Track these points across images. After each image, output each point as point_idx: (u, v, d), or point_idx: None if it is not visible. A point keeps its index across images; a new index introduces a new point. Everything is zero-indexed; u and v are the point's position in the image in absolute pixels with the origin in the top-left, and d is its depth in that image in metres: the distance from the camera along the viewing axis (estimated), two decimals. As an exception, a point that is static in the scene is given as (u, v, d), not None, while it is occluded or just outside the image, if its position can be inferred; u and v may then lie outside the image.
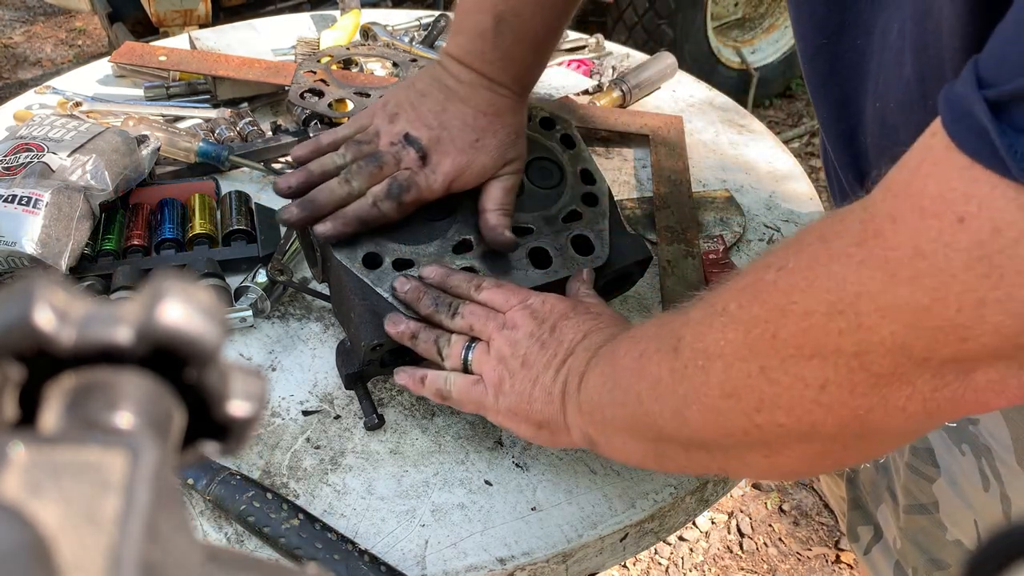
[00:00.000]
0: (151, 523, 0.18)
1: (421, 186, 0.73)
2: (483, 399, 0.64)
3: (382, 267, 0.72)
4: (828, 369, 0.43)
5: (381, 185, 0.73)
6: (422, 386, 0.68)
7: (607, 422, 0.58)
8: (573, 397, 0.60)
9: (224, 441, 0.22)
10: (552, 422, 0.61)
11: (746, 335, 0.47)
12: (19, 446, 0.18)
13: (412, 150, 0.73)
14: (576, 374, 0.60)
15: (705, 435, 0.51)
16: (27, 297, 0.20)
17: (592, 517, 0.66)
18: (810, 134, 2.97)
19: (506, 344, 0.64)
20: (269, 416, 0.73)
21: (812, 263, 0.44)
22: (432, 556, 0.63)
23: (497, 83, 0.75)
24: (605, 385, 0.57)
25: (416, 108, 0.75)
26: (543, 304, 0.66)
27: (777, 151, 1.09)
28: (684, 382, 0.51)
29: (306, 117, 1.04)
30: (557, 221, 0.77)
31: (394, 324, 0.69)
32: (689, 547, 1.76)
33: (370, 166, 0.73)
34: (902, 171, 0.41)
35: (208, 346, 0.21)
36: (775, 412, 0.46)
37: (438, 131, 0.74)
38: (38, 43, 3.53)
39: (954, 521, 0.69)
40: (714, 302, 0.50)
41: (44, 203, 0.79)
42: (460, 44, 0.75)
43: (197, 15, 2.29)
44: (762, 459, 0.50)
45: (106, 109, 1.08)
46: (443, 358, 0.67)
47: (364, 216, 0.72)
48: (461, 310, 0.68)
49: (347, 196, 0.73)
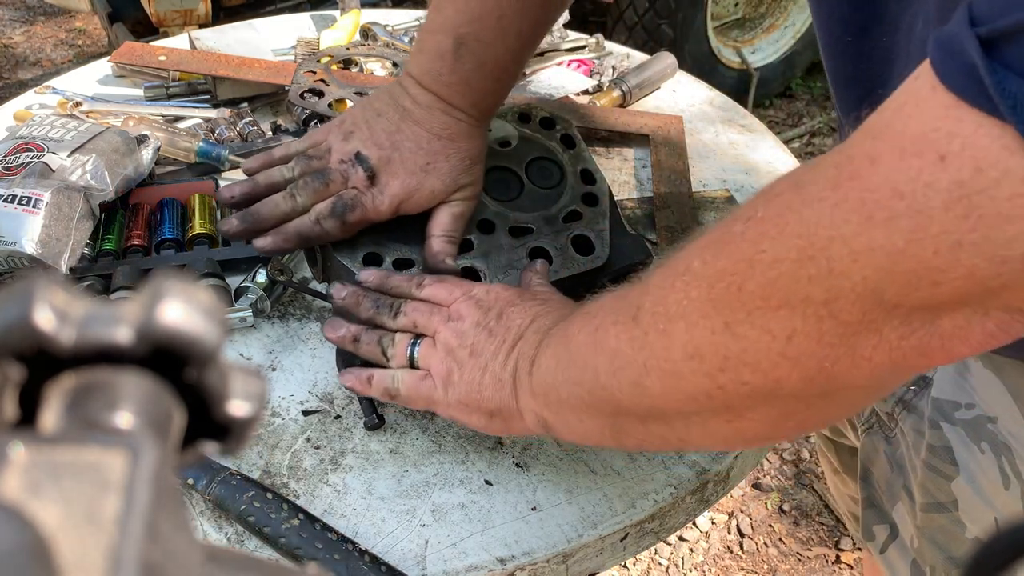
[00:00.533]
0: (151, 523, 0.18)
1: (367, 206, 0.72)
2: (432, 393, 0.63)
3: (382, 267, 0.72)
4: (796, 319, 0.42)
5: (326, 203, 0.71)
6: (369, 386, 0.66)
7: (562, 402, 0.57)
8: (524, 381, 0.59)
9: (224, 441, 0.22)
10: (504, 409, 0.60)
11: (710, 290, 0.46)
12: (19, 446, 0.18)
13: (361, 169, 0.72)
14: (526, 358, 0.59)
15: (665, 404, 0.50)
16: (27, 297, 0.20)
17: (592, 517, 0.66)
18: (810, 134, 2.97)
19: (452, 335, 0.63)
20: (269, 416, 0.73)
21: (783, 210, 0.43)
22: (432, 556, 0.63)
23: (454, 107, 0.73)
24: (559, 365, 0.56)
25: (371, 127, 0.73)
26: (487, 293, 0.65)
27: (777, 151, 1.09)
28: (644, 350, 0.49)
29: (306, 117, 1.04)
30: (557, 221, 0.77)
31: (333, 329, 0.68)
32: (689, 547, 1.76)
33: (316, 182, 0.72)
34: (883, 113, 0.40)
35: (208, 346, 0.21)
36: (740, 370, 0.45)
37: (389, 152, 0.72)
38: (38, 43, 3.54)
39: (973, 519, 0.69)
40: (675, 264, 0.49)
41: (44, 203, 0.79)
42: (420, 64, 0.74)
43: (197, 15, 2.29)
44: (724, 424, 0.49)
45: (106, 109, 1.08)
46: (388, 358, 0.66)
47: (305, 233, 0.71)
48: (404, 308, 0.67)
49: (291, 211, 0.72)
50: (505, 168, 0.80)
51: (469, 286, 0.67)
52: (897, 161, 0.38)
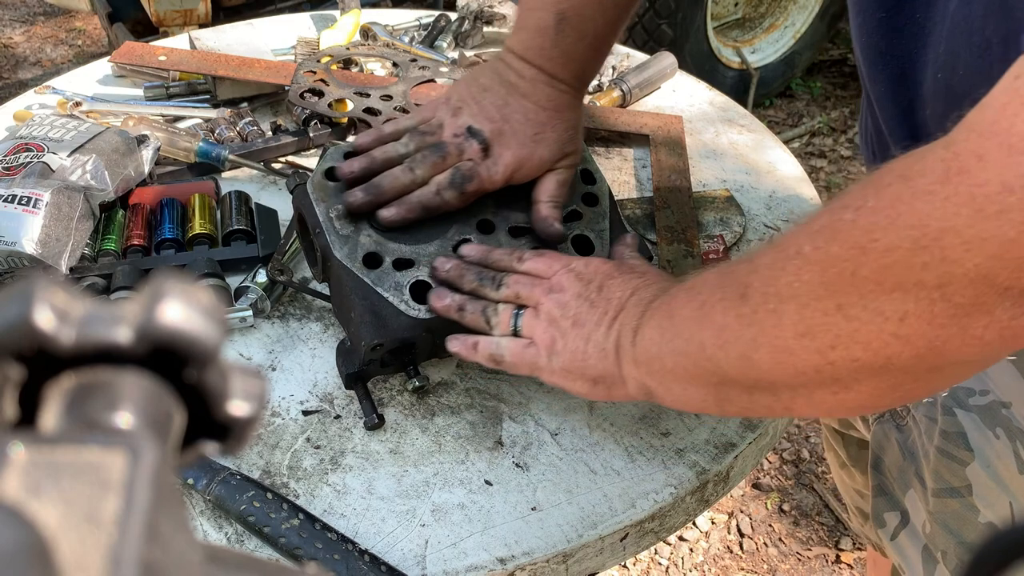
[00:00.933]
0: (151, 523, 0.18)
1: (483, 177, 0.75)
2: (536, 360, 0.65)
3: (382, 267, 0.72)
4: (909, 302, 0.45)
5: (444, 174, 0.75)
6: (475, 352, 0.68)
7: (666, 372, 0.59)
8: (627, 351, 0.61)
9: (224, 441, 0.22)
10: (607, 376, 0.63)
11: (823, 274, 0.48)
12: (19, 446, 0.18)
13: (475, 142, 0.76)
14: (629, 328, 0.61)
15: (774, 376, 0.52)
16: (27, 297, 0.20)
17: (592, 517, 0.66)
18: (810, 134, 2.97)
19: (555, 306, 0.66)
20: (269, 416, 0.73)
21: (894, 201, 0.45)
22: (432, 556, 0.63)
23: (557, 79, 0.77)
24: (663, 336, 0.59)
25: (479, 102, 0.77)
26: (587, 266, 0.68)
27: (777, 151, 1.09)
28: (753, 326, 0.52)
29: (306, 117, 1.04)
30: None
31: (439, 298, 0.70)
32: (689, 547, 1.76)
33: (434, 156, 0.75)
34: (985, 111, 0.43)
35: (208, 346, 0.21)
36: (851, 348, 0.48)
37: (500, 124, 0.76)
38: (38, 43, 3.53)
39: (988, 503, 0.70)
40: (785, 247, 0.51)
41: (44, 203, 0.79)
42: (522, 40, 0.78)
43: (197, 15, 2.29)
44: (830, 396, 0.51)
45: (106, 109, 1.08)
46: (491, 327, 0.69)
47: (426, 203, 0.74)
48: (506, 281, 0.69)
49: (410, 184, 0.75)
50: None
51: (568, 259, 0.69)
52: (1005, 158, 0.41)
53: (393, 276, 0.71)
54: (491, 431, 0.72)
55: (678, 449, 0.71)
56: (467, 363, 0.77)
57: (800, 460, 1.92)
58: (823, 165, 2.83)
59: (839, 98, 3.15)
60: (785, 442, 1.95)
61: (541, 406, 0.74)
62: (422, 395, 0.75)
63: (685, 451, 0.71)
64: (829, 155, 2.88)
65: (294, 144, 1.03)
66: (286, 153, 1.03)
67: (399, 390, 0.75)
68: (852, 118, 3.04)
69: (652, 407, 0.74)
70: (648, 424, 0.73)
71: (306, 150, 1.04)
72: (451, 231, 0.75)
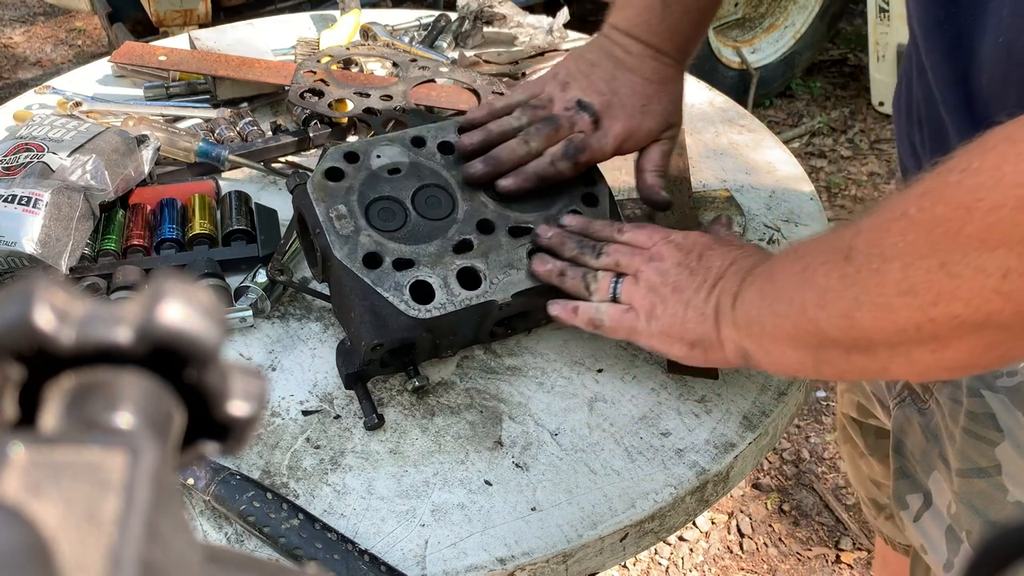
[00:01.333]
0: (151, 523, 0.18)
1: (594, 148, 0.79)
2: (635, 324, 0.68)
3: (382, 267, 0.72)
4: (1012, 258, 0.46)
5: (558, 146, 0.79)
6: (574, 316, 0.71)
7: (765, 334, 0.61)
8: (727, 315, 0.63)
9: (224, 441, 0.22)
10: (705, 340, 0.65)
11: (928, 234, 0.50)
12: (19, 446, 0.18)
13: (586, 115, 0.80)
14: (729, 294, 0.64)
15: (874, 335, 0.54)
16: (27, 297, 0.20)
17: (592, 517, 0.66)
18: (810, 134, 2.97)
19: (655, 274, 0.68)
20: (269, 416, 0.73)
21: (1000, 162, 0.47)
22: (432, 556, 0.63)
23: (662, 53, 0.82)
24: (764, 299, 0.61)
25: (587, 77, 0.81)
26: (685, 238, 0.70)
27: (777, 151, 1.09)
28: (856, 286, 0.53)
29: (306, 117, 1.04)
30: (557, 221, 0.78)
31: (542, 263, 0.73)
32: (689, 547, 1.76)
33: (547, 128, 0.79)
34: None
35: (208, 346, 0.21)
36: (952, 304, 0.49)
37: (609, 97, 0.80)
38: (38, 43, 3.53)
39: (1017, 483, 0.70)
40: (889, 210, 0.53)
41: (44, 203, 0.79)
42: (628, 17, 0.82)
43: (197, 15, 2.29)
44: (929, 355, 0.52)
45: (106, 109, 1.08)
46: (590, 292, 0.71)
47: (542, 173, 0.78)
48: (606, 250, 0.72)
49: (525, 155, 0.79)
50: (505, 168, 0.80)
51: (667, 232, 0.72)
52: None
53: (393, 276, 0.71)
54: (491, 431, 0.72)
55: (678, 449, 0.71)
56: (467, 363, 0.78)
57: (800, 460, 1.92)
58: (823, 165, 2.83)
59: (839, 98, 3.15)
60: (785, 442, 1.95)
61: (541, 406, 0.74)
62: (422, 395, 0.75)
63: (685, 451, 0.71)
64: (829, 155, 2.88)
65: (294, 144, 1.03)
66: (286, 153, 1.03)
67: (399, 390, 0.75)
68: (852, 118, 3.05)
69: (652, 407, 0.74)
70: (648, 424, 0.73)
71: (306, 150, 1.04)
72: (451, 231, 0.76)
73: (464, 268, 0.74)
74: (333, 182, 0.75)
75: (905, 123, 0.76)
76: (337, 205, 0.74)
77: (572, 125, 0.80)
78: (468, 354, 0.79)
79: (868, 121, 3.01)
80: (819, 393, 2.06)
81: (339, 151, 0.78)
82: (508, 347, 0.79)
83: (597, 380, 0.77)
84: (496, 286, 0.73)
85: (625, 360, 0.78)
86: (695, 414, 0.74)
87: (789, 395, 0.76)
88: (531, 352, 0.79)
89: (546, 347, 0.79)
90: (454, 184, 0.78)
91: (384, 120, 1.01)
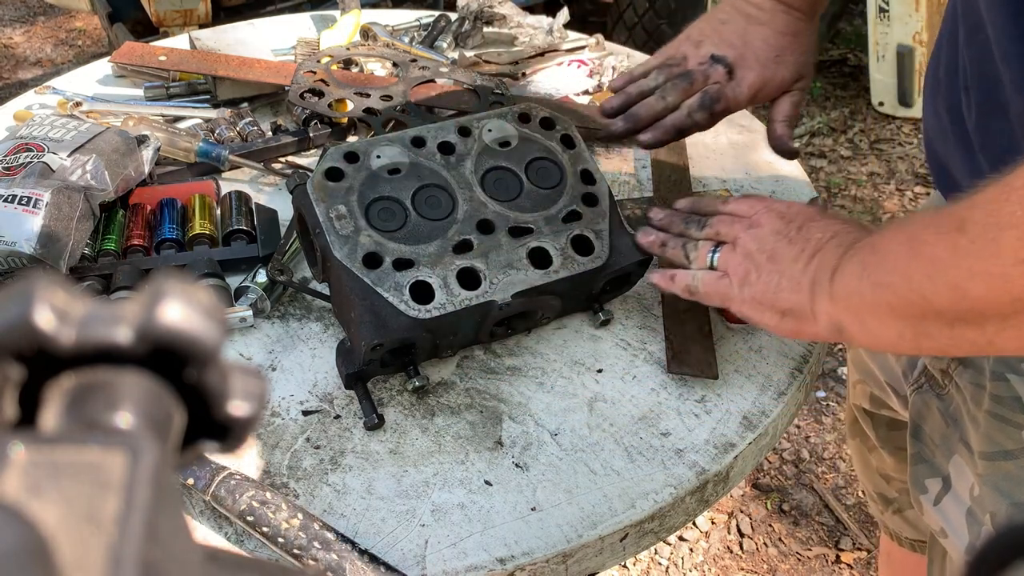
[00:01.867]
0: (151, 523, 0.18)
1: (728, 97, 0.84)
2: (728, 290, 0.69)
3: (382, 267, 0.72)
4: None
5: (694, 98, 0.84)
6: (672, 283, 0.73)
7: (864, 306, 0.60)
8: (824, 287, 0.62)
9: (224, 441, 0.22)
10: (798, 310, 0.64)
11: None
12: (19, 446, 0.18)
13: (719, 67, 0.84)
14: (827, 266, 0.63)
15: (986, 306, 0.53)
16: (27, 297, 0.20)
17: (592, 517, 0.66)
18: (810, 134, 2.97)
19: (752, 241, 0.69)
20: (269, 416, 0.73)
21: None
22: (432, 556, 0.63)
23: (793, 7, 0.85)
24: (866, 271, 0.60)
25: (719, 33, 0.86)
26: (788, 208, 0.71)
27: (777, 151, 1.09)
28: (969, 257, 0.53)
29: (306, 117, 1.04)
30: (557, 221, 0.77)
31: (645, 235, 0.77)
32: (689, 547, 1.76)
33: (682, 83, 0.84)
34: None
35: (208, 346, 0.21)
36: None
37: (741, 49, 0.85)
38: (38, 43, 3.53)
39: None
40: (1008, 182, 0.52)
41: (44, 203, 0.79)
42: None
43: (197, 15, 2.29)
44: None
45: (106, 109, 1.08)
46: (690, 261, 0.73)
47: (679, 125, 0.83)
48: (709, 221, 0.74)
49: (663, 110, 0.84)
50: (505, 168, 0.80)
51: (770, 201, 0.73)
52: None
53: (393, 276, 0.71)
54: (491, 431, 0.72)
55: (678, 449, 0.71)
56: (467, 363, 0.78)
57: (800, 460, 1.92)
58: (823, 165, 2.83)
59: (839, 98, 3.15)
60: (785, 442, 1.95)
61: (541, 406, 0.74)
62: (422, 395, 0.75)
63: (685, 451, 0.71)
64: (829, 155, 2.88)
65: (294, 144, 1.03)
66: (286, 153, 1.03)
67: (399, 390, 0.75)
68: (852, 118, 3.05)
69: (652, 407, 0.74)
70: (648, 424, 0.73)
71: (306, 150, 1.04)
72: (451, 231, 0.75)
73: (464, 268, 0.74)
74: (333, 182, 0.75)
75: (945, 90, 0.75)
76: (337, 205, 0.74)
77: (706, 78, 0.83)
78: (468, 354, 0.79)
79: (868, 121, 3.01)
80: (819, 393, 2.06)
81: (339, 151, 0.78)
82: (508, 347, 0.79)
83: (597, 380, 0.77)
84: (496, 286, 0.73)
85: (625, 360, 0.78)
86: (695, 414, 0.74)
87: (789, 395, 0.76)
88: (531, 352, 0.79)
89: (546, 347, 0.79)
90: (454, 184, 0.78)
91: (384, 120, 1.01)
